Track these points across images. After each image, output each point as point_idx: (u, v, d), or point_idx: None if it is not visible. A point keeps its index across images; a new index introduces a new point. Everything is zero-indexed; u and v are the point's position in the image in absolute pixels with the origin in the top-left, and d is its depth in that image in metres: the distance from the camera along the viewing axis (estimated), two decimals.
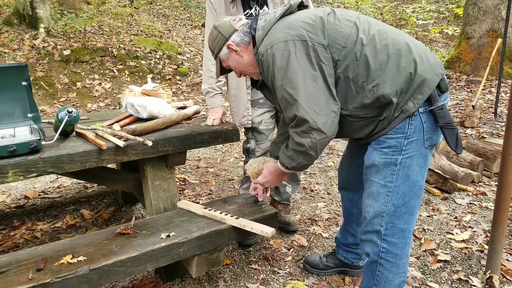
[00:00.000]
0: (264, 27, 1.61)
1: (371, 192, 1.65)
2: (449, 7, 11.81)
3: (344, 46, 1.50)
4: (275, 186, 1.93)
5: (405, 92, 1.50)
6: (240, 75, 1.84)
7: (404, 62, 1.49)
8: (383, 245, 1.66)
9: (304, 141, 1.55)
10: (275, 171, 1.85)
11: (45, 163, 1.76)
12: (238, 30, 1.69)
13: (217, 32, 1.72)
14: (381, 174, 1.61)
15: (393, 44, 1.51)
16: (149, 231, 1.91)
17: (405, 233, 1.64)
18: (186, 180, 3.63)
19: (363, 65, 1.50)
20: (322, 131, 1.51)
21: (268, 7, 2.32)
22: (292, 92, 1.51)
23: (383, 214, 1.62)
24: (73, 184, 3.55)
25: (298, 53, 1.50)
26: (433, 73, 1.51)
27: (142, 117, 2.34)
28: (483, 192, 3.20)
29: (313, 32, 1.51)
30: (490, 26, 7.08)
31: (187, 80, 7.51)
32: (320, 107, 1.50)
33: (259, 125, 2.50)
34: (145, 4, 11.48)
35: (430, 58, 1.55)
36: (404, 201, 1.60)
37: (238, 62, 1.73)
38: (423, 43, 10.13)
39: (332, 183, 3.53)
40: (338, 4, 12.08)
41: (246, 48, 1.69)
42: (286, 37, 1.52)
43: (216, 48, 1.74)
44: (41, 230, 2.73)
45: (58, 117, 1.94)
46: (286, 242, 2.59)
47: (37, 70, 6.33)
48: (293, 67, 1.50)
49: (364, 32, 1.52)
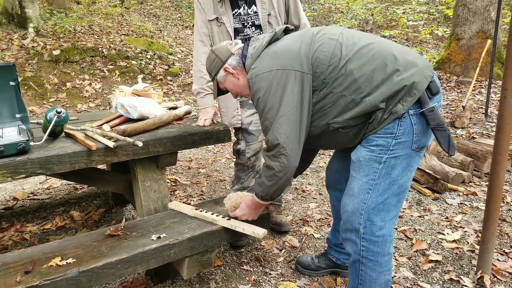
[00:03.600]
0: (252, 55, 1.70)
1: (352, 188, 1.67)
2: (439, 8, 11.91)
3: (329, 64, 1.57)
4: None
5: (394, 97, 1.53)
6: (237, 96, 1.92)
7: (390, 70, 1.53)
8: (363, 243, 1.67)
9: (273, 164, 1.64)
10: (252, 204, 1.93)
11: (34, 164, 1.74)
12: (234, 54, 1.79)
13: (214, 56, 1.81)
14: (364, 171, 1.63)
15: (378, 55, 1.55)
16: (139, 233, 1.89)
17: (383, 230, 1.65)
18: (177, 181, 3.61)
19: (350, 79, 1.55)
20: (289, 156, 1.60)
21: (256, 6, 2.30)
22: (271, 118, 1.61)
23: (362, 211, 1.64)
24: (62, 185, 3.51)
25: (280, 82, 1.58)
26: (421, 76, 1.53)
27: (132, 117, 2.31)
28: (473, 192, 3.23)
29: (296, 61, 1.59)
30: (480, 27, 7.15)
31: (178, 80, 7.48)
32: (291, 134, 1.59)
33: (248, 126, 2.48)
34: (136, 4, 11.41)
35: (419, 62, 1.57)
36: (383, 199, 1.62)
37: (235, 84, 1.82)
38: (414, 43, 10.24)
39: (324, 183, 3.53)
40: (330, 5, 12.11)
41: (242, 71, 1.78)
42: (270, 66, 1.61)
43: (214, 71, 1.82)
44: (30, 232, 2.69)
45: (47, 118, 1.91)
46: (278, 243, 2.59)
47: (26, 70, 6.26)
48: (275, 94, 1.59)
49: (348, 47, 1.58)
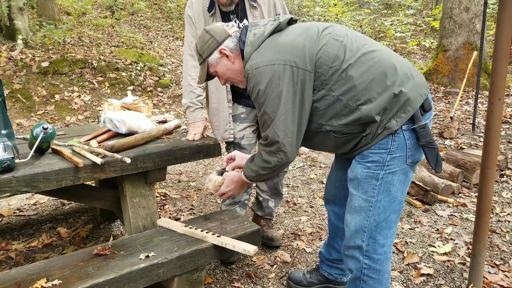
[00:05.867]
0: (253, 43, 1.62)
1: (353, 206, 1.67)
2: (426, 20, 12.11)
3: (331, 66, 1.54)
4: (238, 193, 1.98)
5: (389, 110, 1.53)
6: (225, 83, 1.82)
7: (389, 82, 1.52)
8: (366, 261, 1.67)
9: (271, 160, 1.62)
10: (238, 180, 1.87)
11: (19, 182, 1.70)
12: (231, 35, 1.70)
13: (209, 36, 1.71)
14: (363, 188, 1.63)
15: (379, 64, 1.54)
16: (127, 252, 1.86)
17: (385, 247, 1.66)
18: (167, 195, 3.57)
19: (349, 84, 1.53)
20: (288, 153, 1.59)
21: (248, 20, 2.31)
22: (271, 114, 1.56)
23: (365, 229, 1.64)
24: (50, 201, 3.45)
25: (282, 77, 1.53)
26: (417, 93, 1.54)
27: (121, 132, 2.28)
28: (463, 203, 3.24)
29: (300, 57, 1.54)
30: (466, 39, 7.28)
31: (168, 92, 7.45)
32: (291, 131, 1.57)
33: (241, 141, 2.47)
34: (127, 15, 11.39)
35: (416, 78, 1.58)
36: (385, 216, 1.63)
37: (228, 68, 1.72)
38: (402, 54, 10.36)
39: (315, 196, 3.52)
40: (319, 16, 12.24)
41: (238, 55, 1.70)
42: (273, 59, 1.55)
43: (206, 52, 1.72)
44: (15, 250, 2.63)
45: (33, 134, 1.87)
46: (269, 258, 2.56)
47: (14, 83, 6.19)
48: (276, 90, 1.53)
49: (351, 51, 1.56)
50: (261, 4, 2.33)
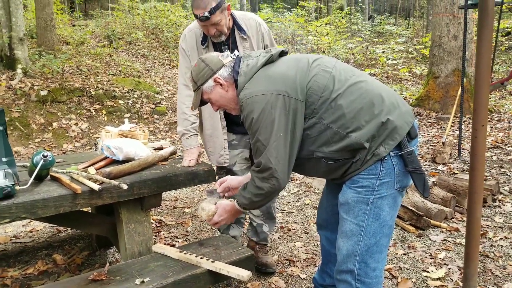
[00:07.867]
0: (246, 73, 1.70)
1: (344, 230, 1.71)
2: (417, 47, 12.42)
3: (321, 96, 1.62)
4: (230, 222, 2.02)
5: (377, 137, 1.60)
6: (218, 109, 1.88)
7: (377, 111, 1.60)
8: (357, 285, 1.69)
9: (264, 186, 1.66)
10: (231, 209, 1.90)
11: (19, 209, 1.74)
12: (226, 65, 1.77)
13: (204, 65, 1.78)
14: (353, 213, 1.67)
15: (367, 94, 1.62)
16: (123, 277, 1.88)
17: (376, 271, 1.69)
18: (162, 222, 3.59)
19: (338, 113, 1.60)
20: (280, 178, 1.63)
21: (239, 51, 2.41)
22: (264, 141, 1.61)
23: (356, 253, 1.67)
24: (46, 227, 3.46)
25: (275, 106, 1.59)
26: (403, 121, 1.62)
27: (118, 159, 2.34)
28: (456, 228, 3.27)
29: (291, 88, 1.61)
30: (455, 66, 7.47)
31: (164, 119, 7.54)
32: (283, 158, 1.62)
33: (233, 167, 2.53)
34: (124, 45, 11.63)
35: (402, 107, 1.66)
36: (376, 240, 1.67)
37: (222, 96, 1.79)
38: (394, 81, 10.57)
39: (310, 221, 3.55)
40: (311, 45, 12.53)
41: (232, 84, 1.76)
42: (266, 90, 1.62)
43: (201, 80, 1.78)
44: (11, 277, 2.63)
45: (33, 162, 1.92)
46: (264, 284, 2.57)
47: (12, 111, 6.26)
48: (269, 118, 1.60)
49: (340, 82, 1.64)
50: (251, 36, 2.44)
